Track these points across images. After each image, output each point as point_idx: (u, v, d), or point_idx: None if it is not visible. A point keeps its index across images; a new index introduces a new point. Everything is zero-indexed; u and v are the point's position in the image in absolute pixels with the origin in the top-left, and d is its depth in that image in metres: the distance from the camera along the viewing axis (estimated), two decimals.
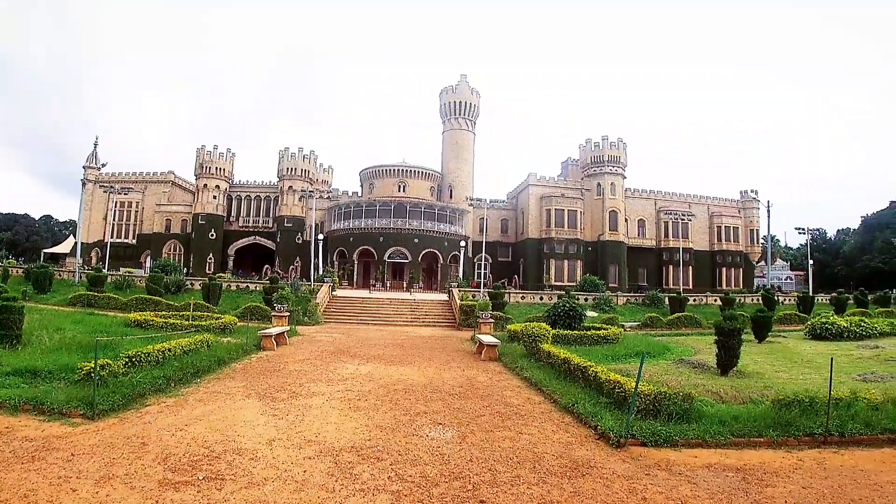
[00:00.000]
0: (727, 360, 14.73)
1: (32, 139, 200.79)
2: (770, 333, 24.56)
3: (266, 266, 62.31)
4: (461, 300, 34.32)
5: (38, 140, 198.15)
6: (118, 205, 67.26)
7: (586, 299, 41.08)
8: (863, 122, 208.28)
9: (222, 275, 50.47)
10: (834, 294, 46.14)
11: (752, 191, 72.49)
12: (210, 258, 65.75)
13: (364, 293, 44.04)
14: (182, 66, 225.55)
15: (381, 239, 58.65)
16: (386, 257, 58.22)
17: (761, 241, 73.96)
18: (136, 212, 69.85)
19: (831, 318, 26.91)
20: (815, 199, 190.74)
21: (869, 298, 45.30)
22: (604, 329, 22.83)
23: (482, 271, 63.80)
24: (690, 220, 65.92)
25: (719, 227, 72.24)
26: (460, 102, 69.72)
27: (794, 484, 6.98)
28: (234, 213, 70.22)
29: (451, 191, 68.65)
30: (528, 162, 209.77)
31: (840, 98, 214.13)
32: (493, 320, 26.00)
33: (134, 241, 69.13)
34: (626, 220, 67.70)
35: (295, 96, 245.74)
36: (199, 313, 26.10)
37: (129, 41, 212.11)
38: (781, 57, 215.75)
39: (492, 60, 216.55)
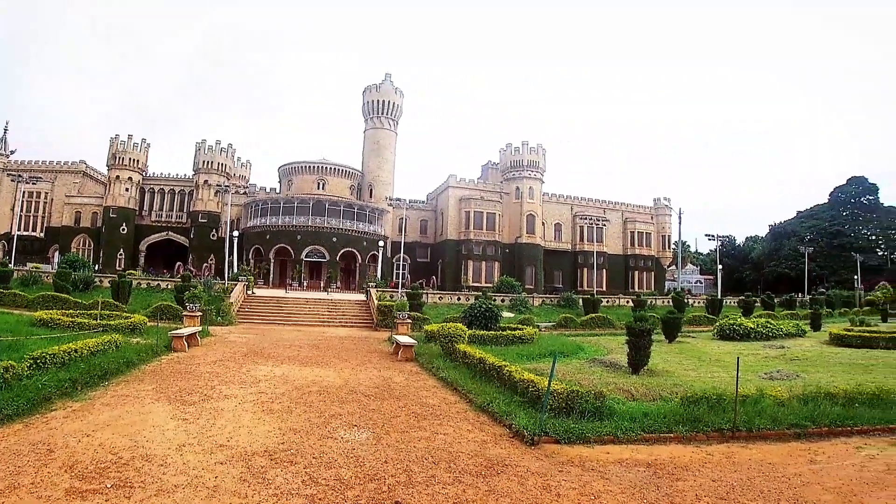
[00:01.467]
0: (638, 359, 15.20)
1: None
2: (680, 334, 25.63)
3: (179, 263, 59.50)
4: (379, 300, 34.00)
5: None
6: (26, 195, 62.09)
7: (503, 300, 41.73)
8: (863, 122, 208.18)
9: (133, 272, 47.97)
10: (742, 297, 48.67)
11: (664, 198, 76.66)
12: (121, 254, 62.02)
13: (280, 292, 42.85)
14: (104, 50, 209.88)
15: (299, 237, 57.28)
16: (303, 256, 56.92)
17: (673, 246, 77.72)
18: (45, 203, 65.11)
19: (739, 319, 28.29)
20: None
21: (775, 301, 48.34)
22: (519, 329, 23.16)
23: (401, 271, 63.57)
24: (605, 225, 68.22)
25: (633, 233, 75.51)
26: (383, 101, 69.16)
27: (704, 477, 7.21)
28: (146, 206, 66.34)
29: (371, 190, 68.00)
30: (456, 165, 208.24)
31: (840, 98, 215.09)
32: (410, 321, 25.80)
33: (42, 235, 64.48)
34: (543, 223, 69.48)
35: (225, 85, 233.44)
36: (108, 312, 24.95)
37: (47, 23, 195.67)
38: (781, 57, 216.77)
39: (437, 59, 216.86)
